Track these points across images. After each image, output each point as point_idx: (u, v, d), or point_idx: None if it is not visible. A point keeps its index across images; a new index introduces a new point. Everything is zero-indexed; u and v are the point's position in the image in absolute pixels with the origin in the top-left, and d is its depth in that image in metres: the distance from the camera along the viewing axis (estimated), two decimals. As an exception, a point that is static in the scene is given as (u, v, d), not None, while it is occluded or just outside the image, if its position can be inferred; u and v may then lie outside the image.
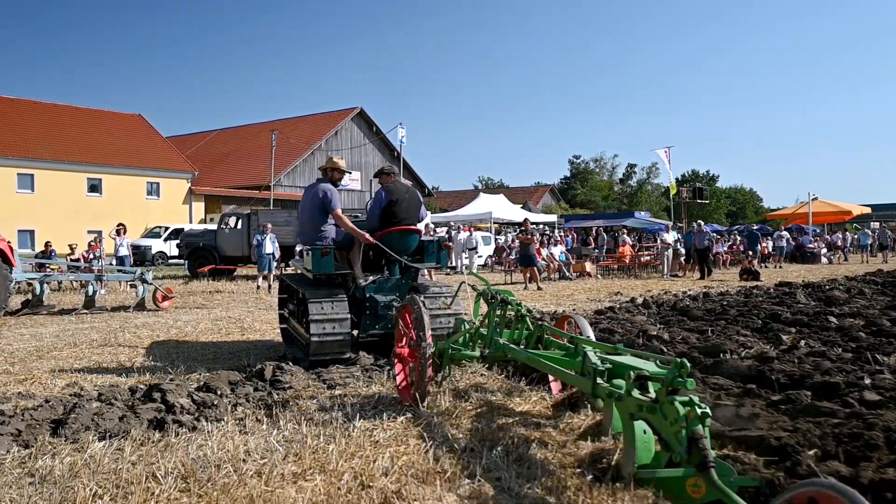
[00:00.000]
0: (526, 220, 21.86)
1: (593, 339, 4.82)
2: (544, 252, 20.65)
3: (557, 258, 21.23)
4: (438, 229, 27.93)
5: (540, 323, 5.30)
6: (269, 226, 18.04)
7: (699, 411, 3.05)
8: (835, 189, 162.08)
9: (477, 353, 5.33)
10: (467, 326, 5.76)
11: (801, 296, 12.41)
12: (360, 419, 4.66)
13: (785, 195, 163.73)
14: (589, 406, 4.68)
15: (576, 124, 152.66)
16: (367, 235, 7.09)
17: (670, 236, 22.23)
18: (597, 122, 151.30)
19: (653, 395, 3.30)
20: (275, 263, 17.65)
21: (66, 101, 52.85)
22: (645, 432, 3.44)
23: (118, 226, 17.38)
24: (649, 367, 3.69)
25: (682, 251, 22.79)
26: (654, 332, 7.97)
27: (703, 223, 23.78)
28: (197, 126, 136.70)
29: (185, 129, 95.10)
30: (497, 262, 27.68)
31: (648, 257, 24.55)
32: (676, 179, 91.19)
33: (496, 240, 30.45)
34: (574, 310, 12.17)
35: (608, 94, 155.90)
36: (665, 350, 6.76)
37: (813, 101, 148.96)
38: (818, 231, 36.12)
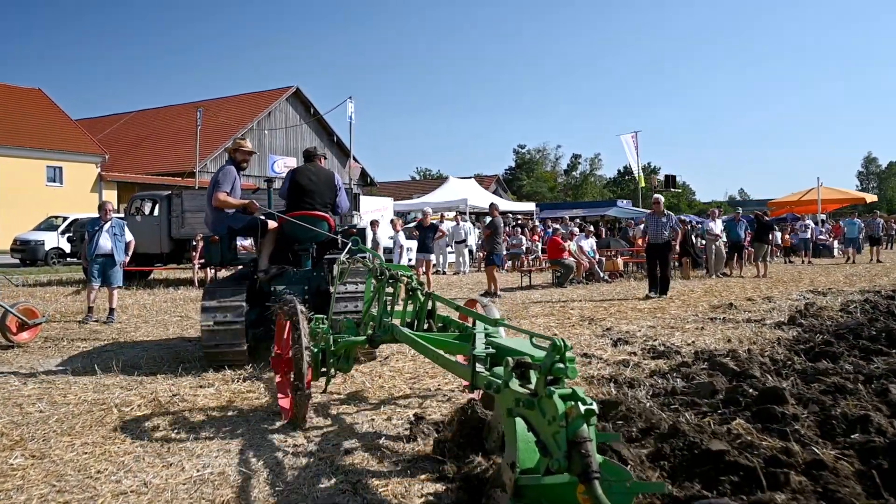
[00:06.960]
0: (492, 205, 15.91)
1: (498, 318, 4.41)
2: (572, 246, 15.62)
3: (587, 254, 16.17)
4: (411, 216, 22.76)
5: (429, 292, 5.00)
6: (109, 209, 10.29)
7: (583, 408, 2.35)
8: (762, 186, 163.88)
9: (363, 337, 4.89)
10: (349, 320, 5.39)
11: None
12: None
13: (713, 189, 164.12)
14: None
15: (514, 115, 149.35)
16: (255, 203, 6.79)
17: (717, 226, 17.53)
18: (538, 113, 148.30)
19: (534, 386, 2.64)
20: (117, 268, 9.96)
21: (-51, 71, 45.05)
22: (529, 430, 2.66)
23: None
24: (534, 350, 3.13)
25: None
26: None
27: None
28: (111, 108, 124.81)
29: (97, 111, 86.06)
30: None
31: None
32: (619, 171, 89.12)
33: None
34: (731, 347, 7.30)
35: (549, 85, 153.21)
36: None
37: (741, 99, 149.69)
38: (825, 221, 32.35)
